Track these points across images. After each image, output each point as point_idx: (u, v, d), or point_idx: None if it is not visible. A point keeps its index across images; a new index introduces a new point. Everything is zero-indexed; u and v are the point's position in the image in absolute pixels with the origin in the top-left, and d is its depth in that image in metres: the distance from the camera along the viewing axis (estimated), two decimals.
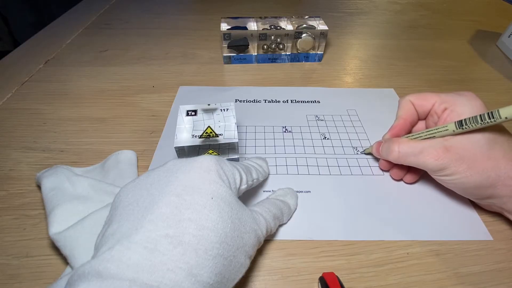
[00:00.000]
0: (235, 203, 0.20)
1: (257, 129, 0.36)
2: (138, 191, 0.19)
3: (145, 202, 0.18)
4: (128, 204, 0.19)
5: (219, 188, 0.19)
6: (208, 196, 0.18)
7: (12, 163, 0.31)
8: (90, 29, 0.59)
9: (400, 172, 0.29)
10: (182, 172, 0.19)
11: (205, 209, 0.18)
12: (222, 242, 0.17)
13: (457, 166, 0.24)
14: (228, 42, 0.46)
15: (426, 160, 0.25)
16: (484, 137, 0.23)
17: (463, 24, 0.65)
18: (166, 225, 0.17)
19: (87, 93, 0.41)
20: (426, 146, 0.25)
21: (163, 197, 0.18)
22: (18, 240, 0.25)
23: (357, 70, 0.48)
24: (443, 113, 0.26)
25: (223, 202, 0.19)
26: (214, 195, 0.19)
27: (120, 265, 0.15)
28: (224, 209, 0.18)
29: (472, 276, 0.23)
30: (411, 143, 0.26)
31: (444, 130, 0.25)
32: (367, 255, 0.24)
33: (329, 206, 0.27)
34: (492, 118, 0.22)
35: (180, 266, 0.16)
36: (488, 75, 0.48)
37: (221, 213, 0.18)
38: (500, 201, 0.24)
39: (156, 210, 0.17)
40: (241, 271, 0.19)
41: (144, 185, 0.19)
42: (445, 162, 0.24)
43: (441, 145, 0.24)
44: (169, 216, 0.17)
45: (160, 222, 0.17)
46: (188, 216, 0.17)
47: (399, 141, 0.27)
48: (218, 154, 0.28)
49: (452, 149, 0.24)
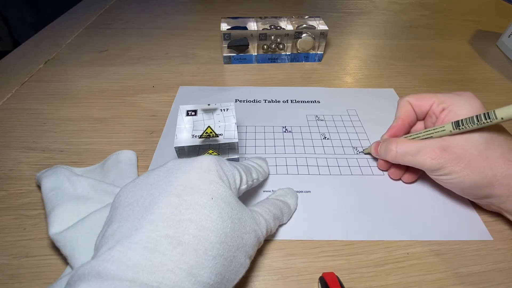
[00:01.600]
0: (235, 203, 0.20)
1: (257, 129, 0.36)
2: (138, 191, 0.19)
3: (145, 202, 0.18)
4: (128, 204, 0.19)
5: (219, 188, 0.19)
6: (208, 196, 0.18)
7: (12, 163, 0.31)
8: (90, 29, 0.59)
9: (398, 172, 0.29)
10: (182, 172, 0.19)
11: (205, 209, 0.18)
12: (222, 243, 0.17)
13: (454, 165, 0.24)
14: (228, 42, 0.46)
15: (423, 160, 0.25)
16: (482, 137, 0.24)
17: (463, 24, 0.65)
18: (166, 225, 0.17)
19: (87, 93, 0.41)
20: (423, 145, 0.25)
21: (163, 197, 0.18)
22: (18, 240, 0.25)
23: (357, 70, 0.48)
24: (441, 113, 0.26)
25: (223, 202, 0.19)
26: (214, 195, 0.19)
27: (120, 265, 0.15)
28: (224, 209, 0.18)
29: (472, 276, 0.23)
30: (408, 143, 0.26)
31: (442, 131, 0.25)
32: (367, 255, 0.24)
33: (329, 206, 0.28)
34: (488, 118, 0.22)
35: (180, 266, 0.16)
36: (488, 75, 0.48)
37: (221, 213, 0.18)
38: (498, 201, 0.24)
39: (156, 210, 0.17)
40: (241, 271, 0.19)
41: (144, 185, 0.19)
42: (442, 161, 0.24)
43: (438, 144, 0.25)
44: (169, 216, 0.17)
45: (160, 222, 0.17)
46: (188, 217, 0.17)
47: (397, 141, 0.27)
48: (218, 154, 0.28)
49: (449, 148, 0.24)
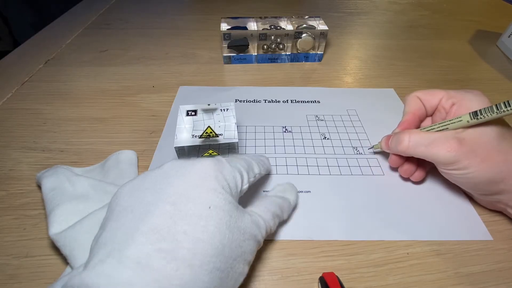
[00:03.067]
0: (234, 210, 0.19)
1: (257, 129, 0.36)
2: (134, 193, 0.19)
3: (140, 209, 0.17)
4: (123, 209, 0.18)
5: (217, 196, 0.18)
6: (205, 206, 0.17)
7: (12, 163, 0.31)
8: (90, 29, 0.59)
9: (411, 169, 0.28)
10: (178, 177, 0.19)
11: (201, 221, 0.17)
12: (219, 255, 0.17)
13: (470, 159, 0.23)
14: (228, 42, 0.46)
15: (437, 151, 0.24)
16: (494, 131, 0.23)
17: (463, 24, 0.65)
18: (160, 237, 0.16)
19: (87, 93, 0.41)
20: (438, 137, 0.24)
21: (158, 205, 0.17)
22: (18, 240, 0.25)
23: (357, 70, 0.48)
24: (451, 108, 0.25)
25: (222, 211, 0.18)
26: (211, 204, 0.18)
27: (111, 281, 0.15)
28: (222, 219, 0.18)
29: (472, 276, 0.23)
30: (422, 133, 0.26)
31: (458, 121, 0.24)
32: (367, 255, 0.24)
33: (329, 206, 0.27)
34: (508, 106, 0.21)
35: (174, 283, 0.15)
36: (488, 75, 0.48)
37: (218, 224, 0.17)
38: (508, 197, 0.24)
39: (150, 219, 0.17)
40: (239, 280, 0.19)
41: (140, 188, 0.19)
42: (458, 154, 0.23)
43: (454, 136, 0.24)
44: (163, 228, 0.16)
45: (154, 234, 0.16)
46: (183, 228, 0.16)
47: (410, 131, 0.26)
48: (218, 154, 0.28)
49: (465, 141, 0.23)
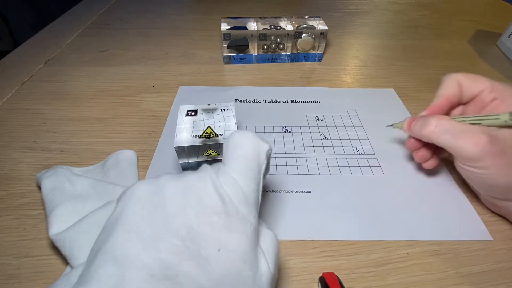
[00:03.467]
0: (249, 251, 0.16)
1: (257, 129, 0.36)
2: (143, 212, 0.17)
3: (145, 234, 0.16)
4: (129, 229, 0.16)
5: (230, 236, 0.16)
6: (214, 248, 0.16)
7: (12, 163, 0.31)
8: (90, 29, 0.59)
9: (427, 155, 0.27)
10: (191, 207, 0.16)
11: (208, 265, 0.15)
12: None
13: (496, 159, 0.22)
14: (228, 42, 0.46)
15: (463, 144, 0.22)
16: None
17: (463, 24, 0.65)
18: (162, 277, 0.15)
19: (87, 93, 0.41)
20: (468, 128, 0.23)
21: (166, 238, 0.16)
22: (18, 240, 0.25)
23: (357, 70, 0.48)
24: (491, 103, 0.24)
25: (233, 254, 0.16)
26: (222, 246, 0.16)
27: None
28: (232, 264, 0.16)
29: (472, 276, 0.23)
30: (452, 121, 0.24)
31: (495, 119, 0.22)
32: (367, 255, 0.24)
33: (329, 206, 0.27)
34: None
35: None
36: (488, 75, 0.47)
37: (225, 269, 0.15)
38: None
39: (153, 254, 0.15)
40: None
41: (151, 207, 0.17)
42: (485, 151, 0.22)
43: (485, 132, 0.22)
44: (168, 266, 0.15)
45: (157, 271, 0.15)
46: (188, 270, 0.15)
47: (439, 116, 0.25)
48: (218, 154, 0.28)
49: (497, 141, 0.22)
